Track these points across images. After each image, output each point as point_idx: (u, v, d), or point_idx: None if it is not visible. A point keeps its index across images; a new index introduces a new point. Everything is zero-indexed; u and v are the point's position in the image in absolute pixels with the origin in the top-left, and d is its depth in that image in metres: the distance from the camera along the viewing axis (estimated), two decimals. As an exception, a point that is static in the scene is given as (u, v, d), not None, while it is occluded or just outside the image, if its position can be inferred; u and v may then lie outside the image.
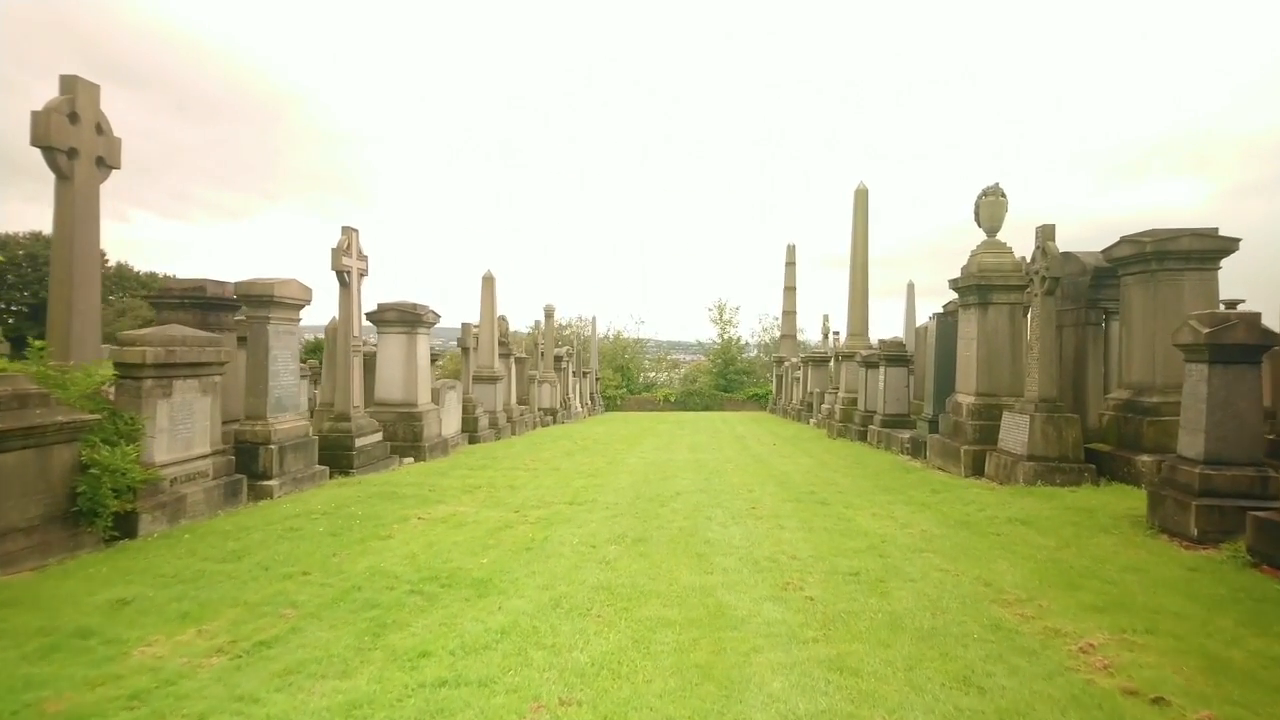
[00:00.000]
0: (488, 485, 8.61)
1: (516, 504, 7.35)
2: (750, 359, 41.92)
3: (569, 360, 25.67)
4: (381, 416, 11.48)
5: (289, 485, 8.08)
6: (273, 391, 8.27)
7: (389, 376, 11.67)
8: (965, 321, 9.94)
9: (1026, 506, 6.73)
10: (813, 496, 7.74)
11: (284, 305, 8.36)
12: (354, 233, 10.13)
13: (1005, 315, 9.50)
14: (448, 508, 7.12)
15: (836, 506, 7.13)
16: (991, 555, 5.06)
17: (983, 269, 9.47)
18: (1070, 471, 7.86)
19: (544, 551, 5.22)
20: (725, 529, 6.03)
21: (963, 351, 10.02)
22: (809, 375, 22.72)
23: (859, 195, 16.73)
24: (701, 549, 5.29)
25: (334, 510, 6.85)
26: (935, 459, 10.09)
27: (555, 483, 8.90)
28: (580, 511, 6.88)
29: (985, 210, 9.72)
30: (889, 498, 7.61)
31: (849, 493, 8.03)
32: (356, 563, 4.97)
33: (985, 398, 9.43)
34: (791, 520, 6.41)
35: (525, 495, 7.90)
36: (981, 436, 9.21)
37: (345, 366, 10.12)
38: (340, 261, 9.83)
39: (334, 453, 9.59)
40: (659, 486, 8.50)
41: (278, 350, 8.38)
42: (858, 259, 16.68)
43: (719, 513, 6.78)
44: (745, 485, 8.68)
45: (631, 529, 6.01)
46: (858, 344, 16.32)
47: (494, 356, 16.52)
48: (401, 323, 11.61)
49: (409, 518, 6.59)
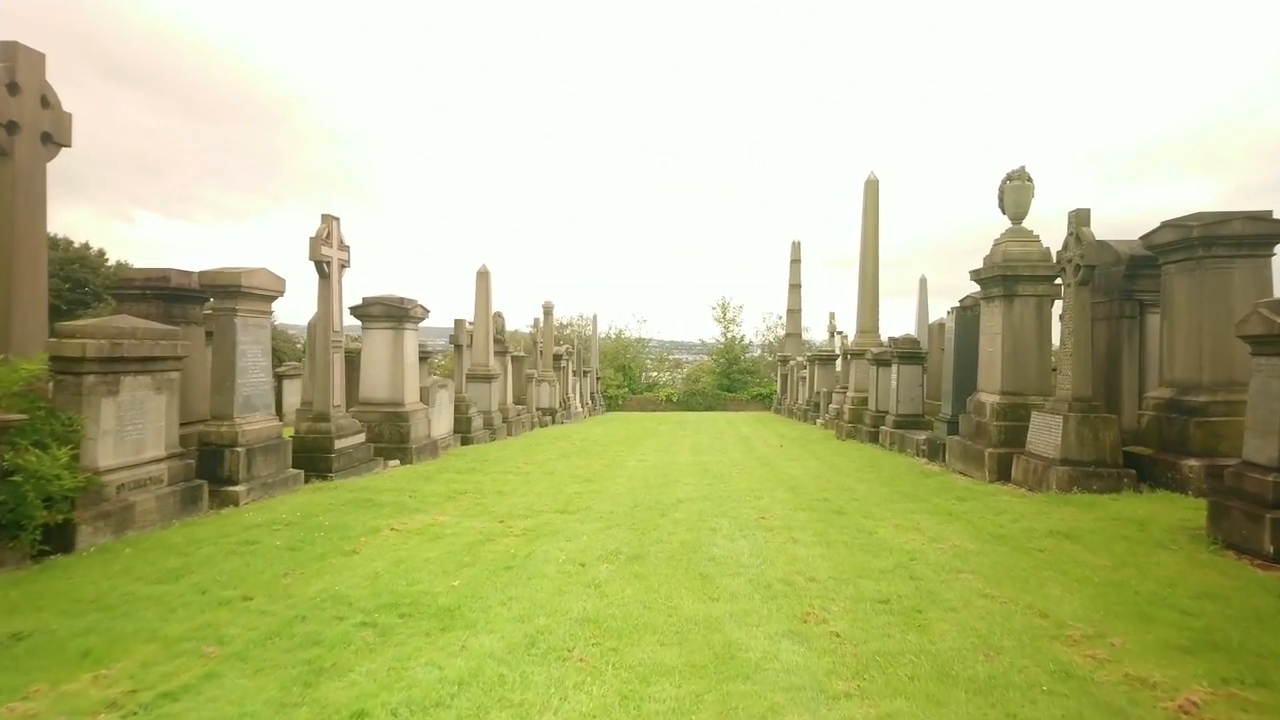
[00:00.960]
0: (474, 491, 7.96)
1: (502, 513, 6.70)
2: (754, 358, 41.23)
3: (569, 359, 25.03)
4: (366, 417, 10.84)
5: (257, 491, 7.44)
6: (240, 389, 7.64)
7: (374, 375, 11.03)
8: (988, 315, 9.26)
9: (1066, 517, 6.06)
10: (827, 504, 7.08)
11: (253, 296, 7.73)
12: (334, 221, 9.50)
13: (1032, 308, 8.82)
14: (426, 517, 6.47)
15: (854, 516, 6.46)
16: (1039, 577, 4.39)
17: (1008, 258, 8.80)
18: (1108, 477, 7.19)
19: (525, 571, 4.57)
20: (732, 543, 5.38)
21: (985, 347, 9.34)
22: (815, 374, 22.04)
23: (869, 186, 16.03)
24: (705, 568, 4.63)
25: (300, 520, 6.21)
26: (955, 462, 9.42)
27: (547, 488, 8.26)
28: (571, 522, 6.22)
29: (1010, 196, 9.05)
30: (910, 506, 6.94)
31: (866, 500, 7.36)
32: (309, 585, 4.33)
33: (1010, 397, 8.75)
34: (806, 533, 5.76)
35: (513, 503, 7.25)
36: (1007, 438, 8.53)
37: (324, 364, 9.48)
38: (319, 251, 9.19)
39: (311, 456, 8.96)
40: (659, 493, 7.85)
41: (246, 345, 7.74)
42: (868, 252, 15.99)
43: (725, 524, 6.13)
44: (752, 491, 8.02)
45: (627, 543, 5.35)
46: (868, 341, 15.64)
47: (489, 354, 15.88)
48: (387, 318, 10.97)
49: (381, 529, 5.94)
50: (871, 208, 16.00)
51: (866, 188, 16.08)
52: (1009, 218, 9.14)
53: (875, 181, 16.00)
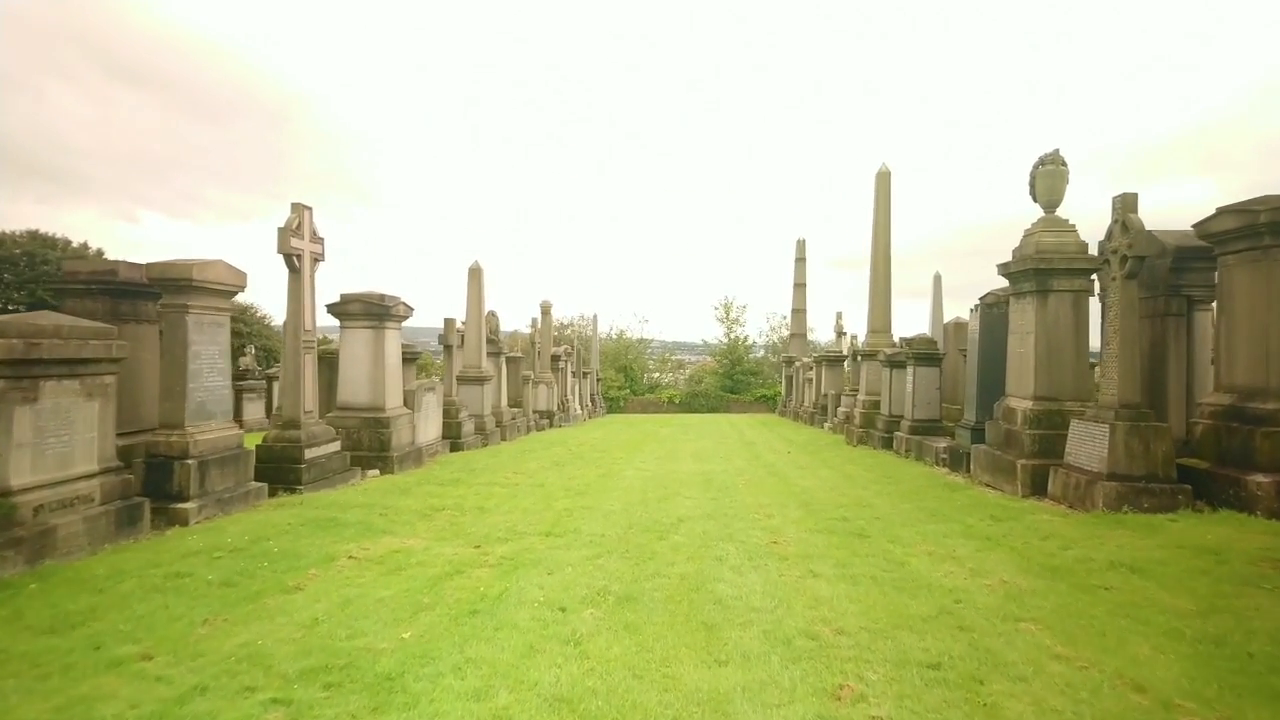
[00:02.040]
0: (453, 507, 7.19)
1: (480, 534, 5.94)
2: (758, 359, 40.36)
3: (567, 360, 24.25)
4: (344, 423, 10.09)
5: (211, 508, 6.68)
6: (193, 395, 6.88)
7: (353, 377, 10.27)
8: (1019, 312, 8.47)
9: (1125, 544, 5.27)
10: (846, 525, 6.30)
11: (208, 291, 6.97)
12: (305, 210, 8.73)
13: (1068, 304, 8.03)
14: (393, 540, 5.71)
15: (879, 540, 5.68)
16: (1116, 628, 3.61)
17: (1041, 250, 8.01)
18: (1161, 494, 6.40)
19: (493, 619, 3.80)
20: (741, 577, 4.60)
21: (1015, 348, 8.55)
22: (823, 376, 21.25)
23: (880, 178, 15.23)
24: (710, 614, 3.86)
25: (248, 545, 5.44)
26: (982, 473, 8.63)
27: (535, 503, 7.49)
28: (556, 548, 5.45)
29: (1042, 182, 8.26)
30: (941, 527, 6.16)
31: (889, 519, 6.58)
32: (229, 637, 3.56)
33: (1044, 402, 7.96)
34: (825, 562, 4.98)
35: (494, 521, 6.49)
36: (1042, 448, 7.74)
37: (294, 366, 8.72)
38: (288, 243, 8.43)
39: (279, 467, 8.21)
40: (658, 509, 7.08)
41: (200, 345, 6.99)
42: (879, 247, 15.19)
43: (732, 550, 5.35)
44: (761, 507, 7.24)
45: (618, 577, 4.58)
46: (880, 341, 14.84)
47: (481, 355, 15.12)
48: (367, 316, 10.21)
49: (338, 557, 5.18)
50: (883, 201, 15.20)
51: (878, 180, 15.28)
52: (1041, 206, 8.35)
53: (887, 173, 15.20)
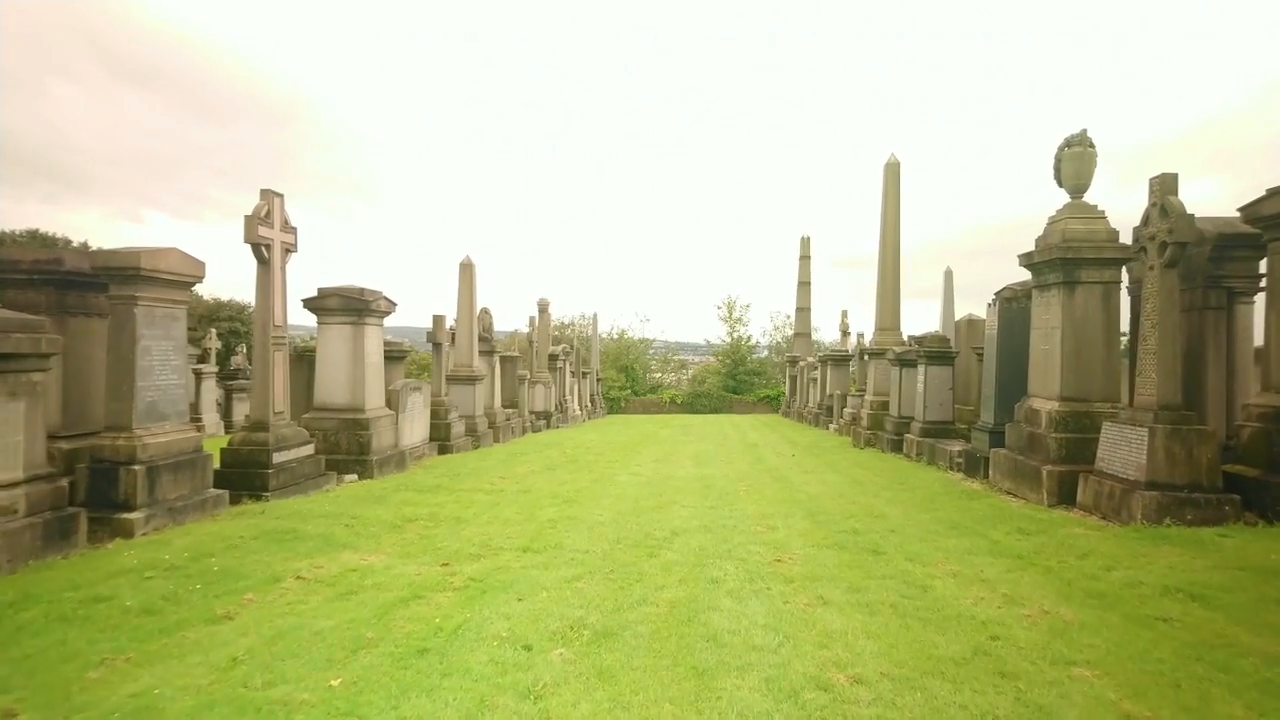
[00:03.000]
0: (428, 517, 6.59)
1: (451, 550, 5.34)
2: (761, 359, 39.75)
3: (566, 359, 23.64)
4: (321, 424, 9.51)
5: (162, 518, 6.10)
6: (142, 394, 6.30)
7: (331, 376, 9.69)
8: (1043, 306, 7.84)
9: (1176, 564, 4.65)
10: (857, 538, 5.68)
11: (159, 282, 6.39)
12: (275, 197, 8.15)
13: (1098, 297, 7.40)
14: (353, 557, 5.11)
15: (895, 558, 5.07)
16: (1191, 676, 2.99)
17: (1068, 238, 7.38)
18: (1206, 505, 5.78)
19: (443, 660, 3.19)
20: (740, 605, 3.99)
21: (1039, 344, 7.92)
22: (828, 376, 20.61)
23: (889, 169, 14.59)
24: (702, 655, 3.25)
25: (187, 562, 4.85)
26: (1002, 480, 8.00)
27: (518, 512, 6.88)
28: (533, 567, 4.85)
29: (1069, 165, 7.63)
30: (964, 542, 5.54)
31: (904, 531, 5.96)
32: (123, 684, 2.97)
33: (1072, 403, 7.33)
34: (836, 585, 4.37)
35: (469, 534, 5.88)
36: (1069, 453, 7.12)
37: (263, 364, 8.14)
38: (255, 232, 7.84)
39: (245, 472, 7.63)
40: (650, 520, 6.47)
41: (151, 340, 6.41)
42: (888, 242, 14.55)
43: (731, 570, 4.74)
44: (763, 517, 6.63)
45: (598, 605, 3.97)
46: (889, 339, 14.21)
47: (473, 353, 14.53)
48: (346, 311, 9.62)
49: (285, 576, 4.58)
50: (892, 193, 14.57)
51: (886, 171, 14.64)
52: (1067, 191, 7.73)
53: (896, 164, 14.56)
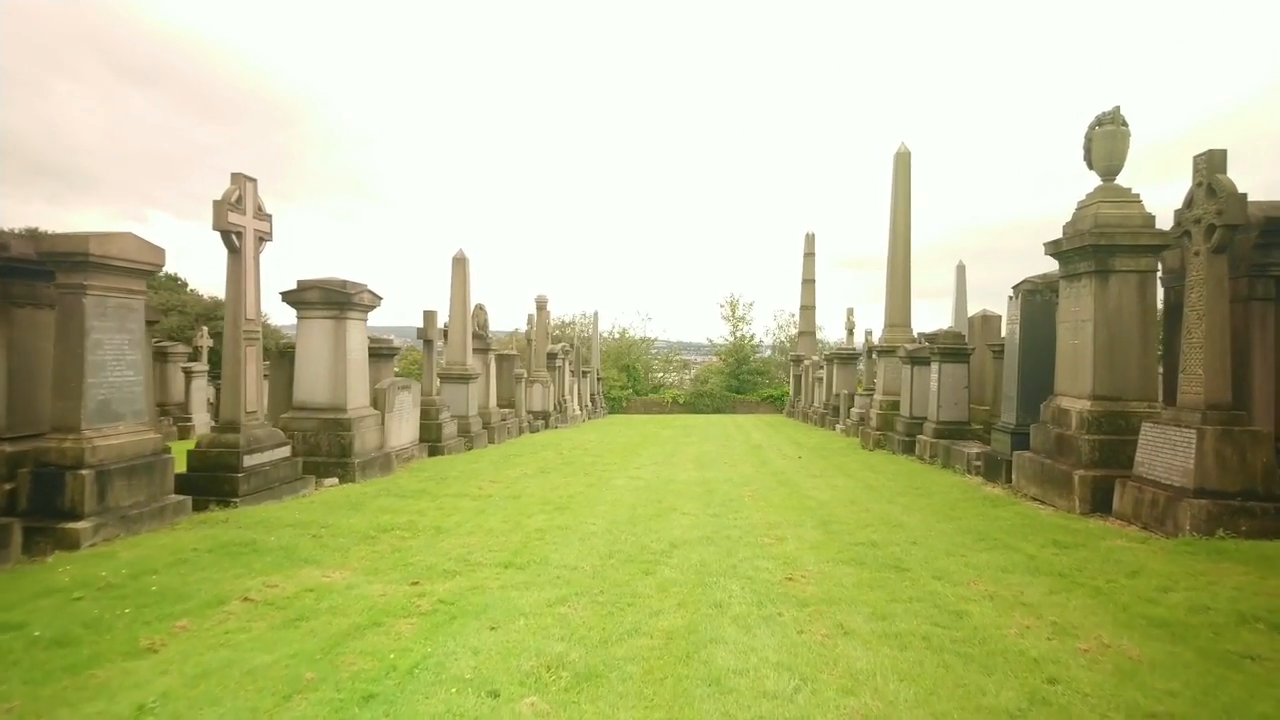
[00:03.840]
0: (405, 526, 6.05)
1: (425, 565, 4.79)
2: (765, 358, 39.17)
3: (565, 358, 23.10)
4: (300, 425, 8.98)
5: (114, 527, 5.57)
6: (92, 391, 5.77)
7: (311, 374, 9.15)
8: (1071, 298, 7.28)
9: (1243, 585, 4.09)
10: (876, 552, 5.13)
11: (111, 269, 5.86)
12: (247, 181, 7.62)
13: (1133, 288, 6.84)
14: (314, 574, 4.57)
15: (921, 575, 4.51)
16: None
17: (1101, 224, 6.82)
18: (1263, 515, 5.22)
19: (389, 712, 2.65)
20: (748, 636, 3.44)
21: (1067, 339, 7.36)
22: (834, 375, 20.05)
23: (899, 159, 14.01)
24: (704, 706, 2.70)
25: (125, 580, 4.32)
26: (1027, 485, 7.44)
27: (504, 521, 6.34)
28: (513, 587, 4.30)
29: (1100, 145, 7.07)
30: (995, 557, 4.98)
31: (927, 543, 5.40)
32: (-5, 744, 2.43)
33: (1105, 402, 6.77)
34: (858, 610, 3.81)
35: (448, 547, 5.34)
36: (1103, 456, 6.56)
37: (234, 360, 7.61)
38: (225, 219, 7.30)
39: (213, 476, 7.10)
40: (647, 531, 5.92)
41: (103, 333, 5.88)
42: (898, 235, 13.98)
43: (736, 591, 4.19)
44: (771, 527, 6.08)
45: (582, 637, 3.42)
46: (899, 336, 13.64)
47: (466, 351, 14.00)
48: (327, 305, 9.09)
49: (231, 598, 4.04)
50: (902, 184, 13.99)
51: (897, 161, 14.06)
52: (1098, 174, 7.17)
53: (906, 154, 13.99)
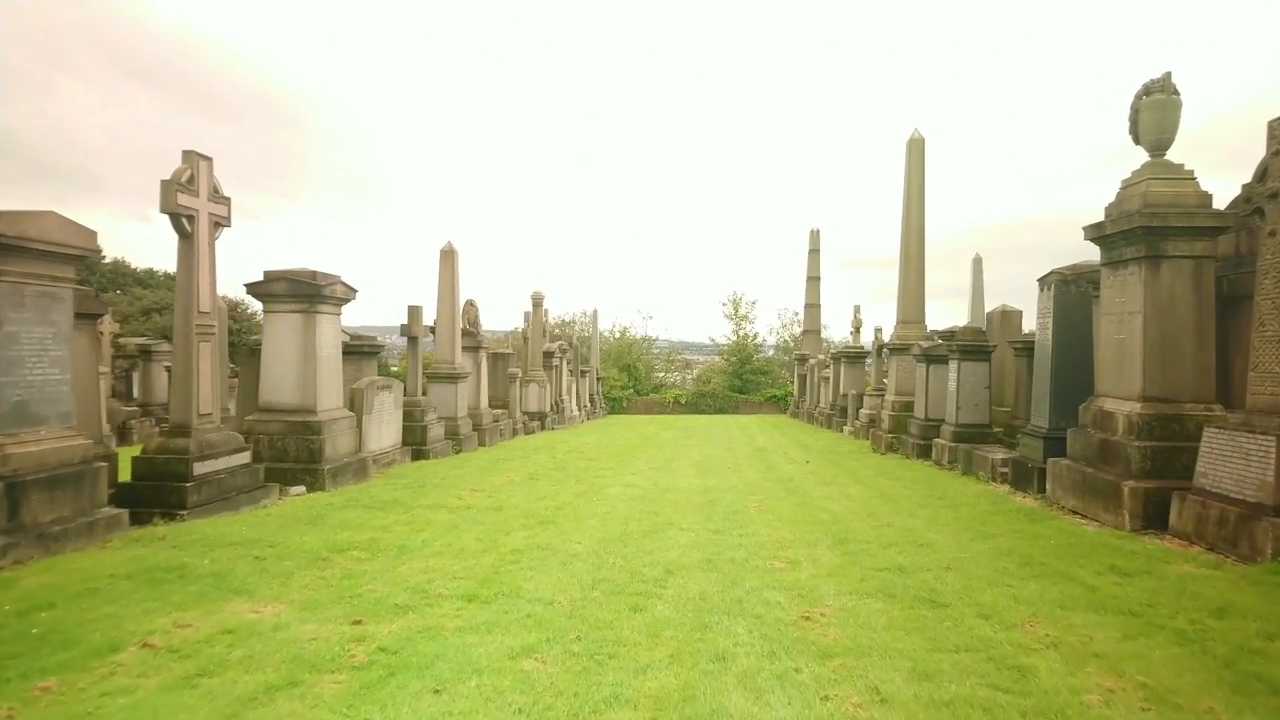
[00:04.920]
0: (364, 545, 5.32)
1: (375, 597, 4.06)
2: (768, 358, 38.39)
3: (562, 357, 22.37)
4: (266, 428, 8.26)
5: (28, 547, 4.85)
6: (6, 392, 5.05)
7: (278, 373, 8.43)
8: (1117, 287, 6.52)
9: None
10: (905, 580, 4.38)
11: (31, 253, 5.14)
12: (202, 161, 6.90)
13: (1187, 275, 6.08)
14: (242, 608, 3.85)
15: (963, 613, 3.77)
16: None
17: (1152, 203, 6.07)
18: (1355, 536, 4.47)
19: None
20: (759, 705, 2.70)
21: (1110, 333, 6.60)
22: (841, 374, 19.28)
23: (913, 146, 13.25)
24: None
25: (6, 620, 3.59)
26: (1065, 496, 6.69)
27: (479, 538, 5.61)
28: (473, 629, 3.57)
29: (1149, 115, 6.32)
30: (1047, 588, 4.22)
31: (963, 569, 4.65)
32: None
33: (1157, 404, 6.02)
34: (894, 667, 3.07)
35: (407, 572, 4.61)
36: (1156, 466, 5.81)
37: (186, 356, 6.89)
38: (174, 200, 6.58)
39: (158, 486, 6.40)
40: (640, 552, 5.17)
41: (18, 325, 5.16)
42: (911, 226, 13.22)
43: (743, 635, 3.45)
44: (781, 546, 5.34)
45: (548, 708, 2.68)
46: (912, 333, 12.89)
47: (455, 349, 13.27)
48: (295, 298, 8.36)
49: (127, 643, 3.32)
50: (915, 172, 13.23)
51: (909, 148, 13.30)
52: (1146, 148, 6.41)
53: (920, 140, 13.22)
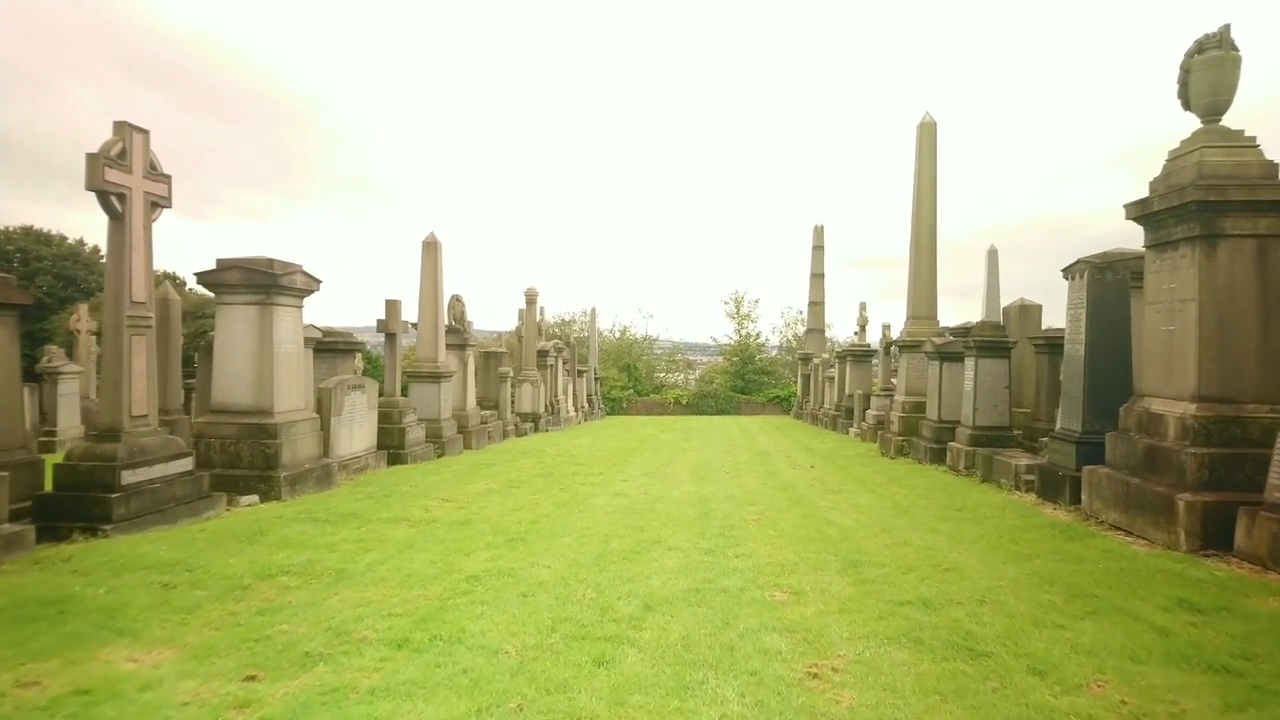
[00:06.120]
0: (299, 569, 4.57)
1: (283, 642, 3.32)
2: (771, 358, 37.59)
3: (558, 356, 21.63)
4: (218, 431, 7.53)
5: (-103, 574, 4.11)
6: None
7: (231, 370, 7.69)
8: (1165, 272, 5.75)
9: None
10: (933, 619, 3.62)
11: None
12: (136, 134, 6.17)
13: (1249, 257, 5.30)
14: (118, 655, 3.11)
15: (1011, 667, 3.00)
16: None
17: (1207, 174, 5.29)
18: None
19: None
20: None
21: (1158, 325, 5.83)
22: (847, 374, 18.50)
23: (924, 130, 12.45)
24: None
25: None
26: (1105, 509, 5.91)
27: (432, 561, 4.85)
28: (389, 691, 2.82)
29: (1202, 75, 5.54)
30: (1109, 631, 3.45)
31: (1000, 601, 3.88)
32: None
33: (1214, 405, 5.24)
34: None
35: (335, 606, 3.86)
36: (1215, 476, 5.03)
37: (116, 351, 6.16)
38: (101, 176, 5.85)
39: (82, 496, 5.68)
40: (617, 579, 4.41)
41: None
42: (922, 216, 12.44)
43: (733, 702, 2.69)
44: (783, 571, 4.57)
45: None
46: (924, 330, 12.10)
47: (438, 346, 12.53)
48: (250, 288, 7.62)
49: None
50: (927, 159, 12.44)
51: (920, 133, 12.51)
52: (1199, 114, 5.64)
53: (931, 124, 12.43)
